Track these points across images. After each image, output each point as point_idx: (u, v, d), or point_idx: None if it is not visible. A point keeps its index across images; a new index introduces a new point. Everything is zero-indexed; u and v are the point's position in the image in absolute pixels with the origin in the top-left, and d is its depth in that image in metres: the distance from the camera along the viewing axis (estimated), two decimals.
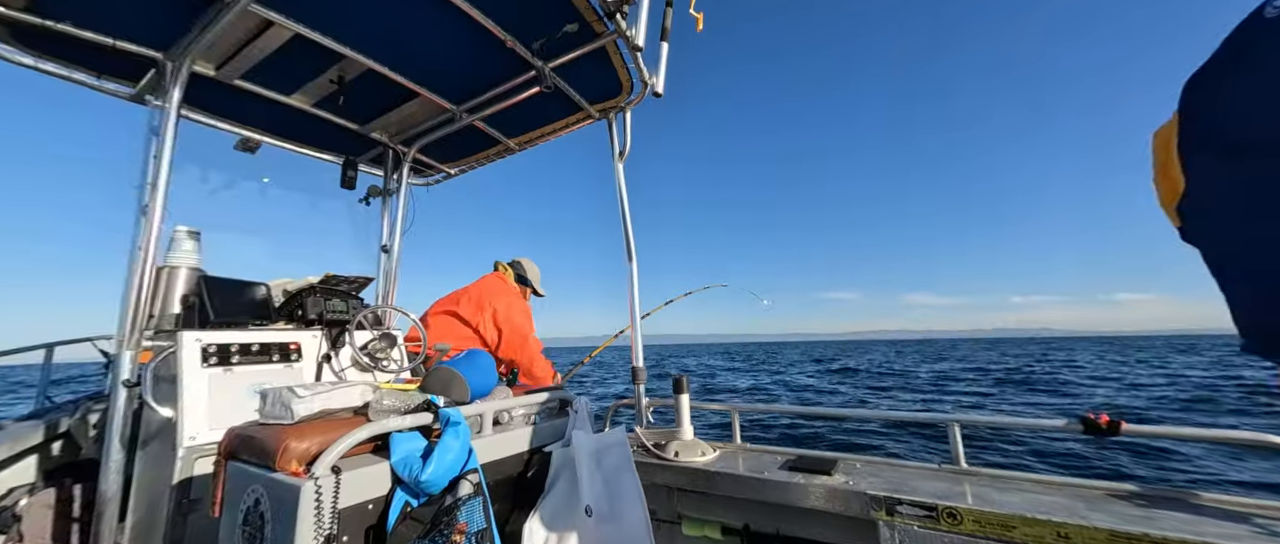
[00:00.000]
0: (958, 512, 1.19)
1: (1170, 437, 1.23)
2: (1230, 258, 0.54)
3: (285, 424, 1.05)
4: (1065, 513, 1.11)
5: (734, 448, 1.89)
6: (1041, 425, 1.40)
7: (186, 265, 1.87)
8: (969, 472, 1.44)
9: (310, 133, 2.57)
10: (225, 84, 2.07)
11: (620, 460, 1.44)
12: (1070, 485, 1.30)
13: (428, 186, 3.12)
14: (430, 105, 2.37)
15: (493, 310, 2.57)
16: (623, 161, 2.32)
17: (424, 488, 0.99)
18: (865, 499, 1.33)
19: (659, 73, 2.09)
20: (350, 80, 2.15)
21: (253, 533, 0.94)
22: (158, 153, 1.68)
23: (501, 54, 1.98)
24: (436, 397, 1.22)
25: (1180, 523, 1.05)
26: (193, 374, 1.51)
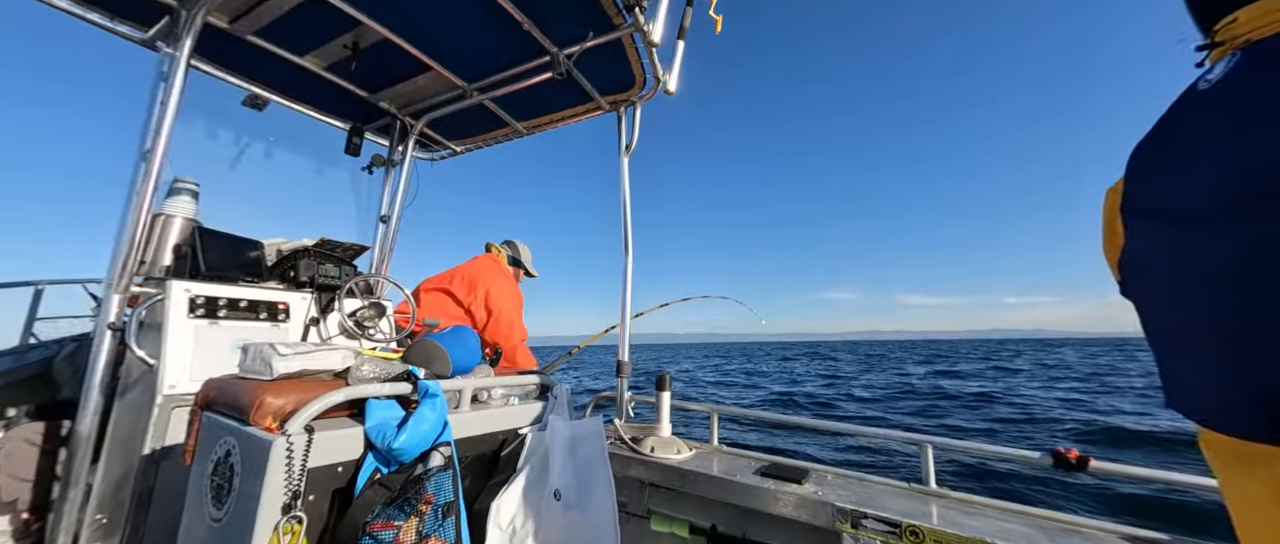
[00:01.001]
0: (920, 530, 1.20)
1: (1136, 478, 1.24)
2: (1151, 318, 0.56)
3: (263, 380, 1.06)
4: (1024, 542, 1.13)
5: (710, 449, 1.90)
6: (1013, 455, 1.42)
7: (183, 215, 1.87)
8: (936, 493, 1.45)
9: (319, 96, 2.56)
10: (238, 38, 2.07)
11: (594, 450, 1.45)
12: (1032, 515, 1.31)
13: (432, 161, 3.12)
14: (442, 80, 2.37)
15: (485, 291, 2.58)
16: (629, 156, 2.32)
17: (396, 455, 1.00)
18: (832, 510, 1.34)
19: (673, 71, 2.10)
20: (364, 48, 2.15)
21: (221, 483, 0.95)
22: (164, 99, 1.68)
23: (518, 37, 1.98)
24: (417, 368, 1.23)
25: None
26: (178, 324, 1.52)
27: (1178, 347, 0.54)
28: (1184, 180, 0.50)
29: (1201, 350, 0.50)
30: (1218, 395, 0.49)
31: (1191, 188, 0.49)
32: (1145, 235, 0.55)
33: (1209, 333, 0.48)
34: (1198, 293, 0.49)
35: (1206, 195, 0.47)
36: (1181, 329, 0.53)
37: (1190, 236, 0.49)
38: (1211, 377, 0.49)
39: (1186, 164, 0.50)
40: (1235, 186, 0.45)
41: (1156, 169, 0.53)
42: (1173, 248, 0.51)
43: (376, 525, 0.91)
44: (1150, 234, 0.54)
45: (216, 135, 2.58)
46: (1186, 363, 0.53)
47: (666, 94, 2.19)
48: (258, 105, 2.49)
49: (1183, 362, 0.54)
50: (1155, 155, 0.53)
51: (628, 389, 2.13)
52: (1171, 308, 0.53)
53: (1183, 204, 0.50)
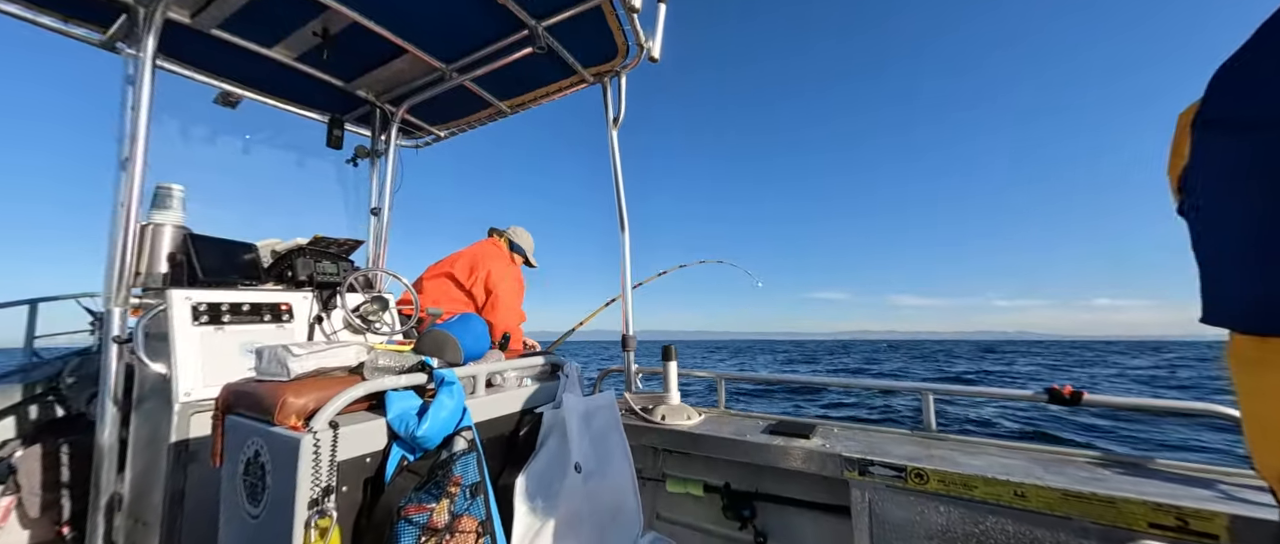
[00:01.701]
0: (924, 472, 1.27)
1: (1126, 406, 1.31)
2: (1204, 229, 0.58)
3: (282, 381, 1.07)
4: (1023, 474, 1.19)
5: (718, 413, 1.97)
6: (1010, 395, 1.48)
7: (171, 223, 1.84)
8: (939, 437, 1.52)
9: (294, 88, 2.48)
10: (202, 33, 1.98)
11: (609, 422, 1.49)
12: (1031, 450, 1.38)
13: (417, 148, 3.05)
14: (419, 63, 2.30)
15: (486, 272, 2.59)
16: (617, 128, 2.29)
17: (420, 443, 1.03)
18: (839, 460, 1.41)
19: (656, 36, 2.04)
20: (335, 33, 2.06)
21: (254, 482, 0.98)
22: (134, 104, 1.62)
23: (493, 11, 1.91)
24: (430, 358, 1.25)
25: (1128, 483, 1.13)
26: (184, 332, 1.52)
27: (1225, 251, 0.56)
28: (1271, 89, 0.50)
29: (1250, 248, 0.52)
30: (1258, 292, 0.51)
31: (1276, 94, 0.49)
32: (1217, 143, 0.56)
33: (1263, 227, 0.50)
34: (1261, 188, 0.50)
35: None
36: (1236, 229, 0.54)
37: (1265, 136, 0.50)
38: (1255, 274, 0.51)
39: (1275, 75, 0.50)
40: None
41: (1242, 79, 0.53)
42: (1246, 148, 0.52)
43: (410, 509, 0.95)
44: (1224, 140, 0.55)
45: (191, 136, 2.51)
46: (1230, 267, 0.55)
47: (651, 61, 2.13)
48: (230, 103, 2.41)
49: (1226, 267, 0.56)
50: (1243, 68, 0.53)
51: (634, 362, 2.17)
52: (1229, 211, 0.55)
53: (1267, 105, 0.50)
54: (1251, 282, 0.53)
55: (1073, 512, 1.09)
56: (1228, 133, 0.54)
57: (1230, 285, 0.56)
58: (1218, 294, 0.57)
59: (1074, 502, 1.09)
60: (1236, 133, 0.53)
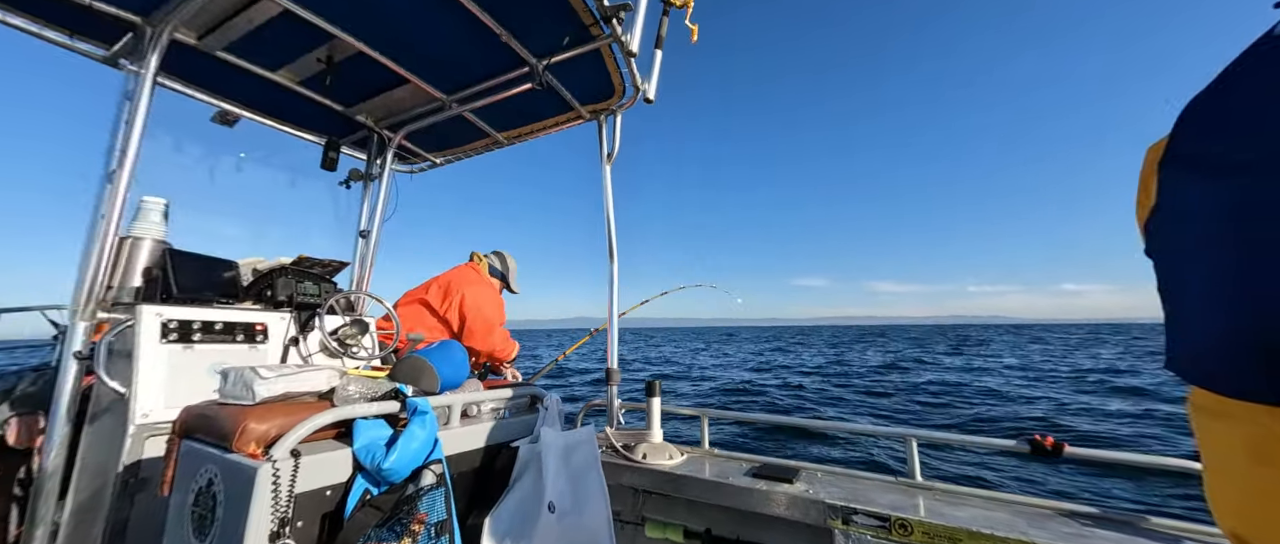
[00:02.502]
0: (909, 523, 1.24)
1: (1107, 461, 1.30)
2: (1169, 276, 0.58)
3: (245, 405, 1.03)
4: (1008, 529, 1.17)
5: (702, 453, 1.91)
6: (992, 445, 1.47)
7: (151, 237, 1.81)
8: (923, 486, 1.49)
9: (293, 111, 2.51)
10: (206, 54, 2.02)
11: (587, 459, 1.44)
12: (1017, 503, 1.36)
13: (412, 174, 3.08)
14: (420, 93, 2.35)
15: (460, 297, 2.56)
16: (610, 163, 2.34)
17: (385, 476, 0.98)
18: (823, 508, 1.37)
19: (651, 79, 2.13)
20: (339, 61, 2.12)
21: (203, 514, 0.92)
22: (129, 118, 1.63)
23: (496, 48, 1.98)
24: (405, 386, 1.21)
25: (1111, 542, 1.11)
26: (150, 349, 1.46)
27: (1190, 305, 0.55)
28: (1240, 129, 0.49)
29: (1213, 307, 0.51)
30: (1221, 352, 0.50)
31: (1249, 134, 0.49)
32: (1183, 187, 0.54)
33: (1224, 288, 0.49)
34: (1227, 240, 0.49)
35: (1261, 142, 0.47)
36: (1198, 285, 0.53)
37: (1231, 183, 0.49)
38: (1217, 334, 0.50)
39: (1248, 111, 0.49)
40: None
41: (1210, 119, 0.52)
42: (1210, 195, 0.51)
43: None
44: (1189, 185, 0.54)
45: (185, 151, 2.51)
46: (1195, 321, 0.54)
47: (646, 102, 2.21)
48: (228, 122, 2.43)
49: (1192, 321, 0.55)
50: (1213, 106, 0.52)
51: (618, 397, 2.13)
52: (1195, 260, 0.54)
53: (1232, 152, 0.49)
54: (1213, 338, 0.52)
55: None
56: (1194, 178, 0.54)
57: (1193, 338, 0.55)
58: (1181, 344, 0.56)
59: None
60: (1203, 179, 0.53)
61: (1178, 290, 0.57)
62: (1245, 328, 0.48)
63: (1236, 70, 0.52)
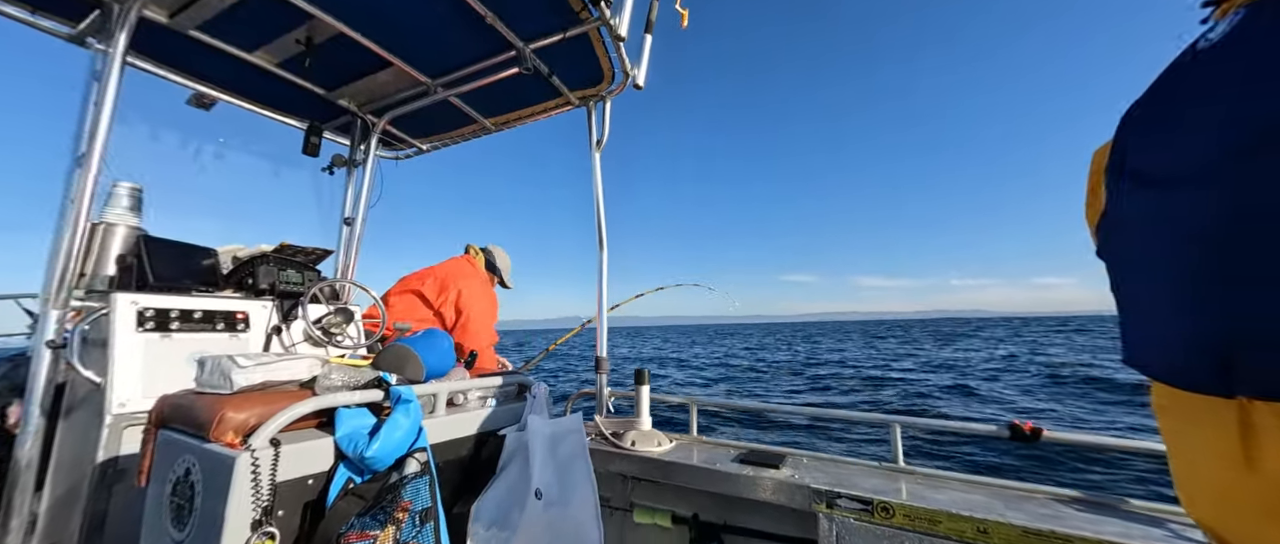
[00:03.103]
0: (891, 506, 1.26)
1: (1084, 445, 1.33)
2: (1122, 278, 0.59)
3: (223, 394, 1.01)
4: (985, 510, 1.19)
5: (690, 440, 1.93)
6: (973, 430, 1.49)
7: (125, 224, 1.76)
8: (906, 470, 1.52)
9: (272, 94, 2.44)
10: (179, 33, 1.95)
11: (575, 447, 1.45)
12: (995, 486, 1.39)
13: (397, 160, 3.02)
14: (403, 77, 2.29)
15: (457, 292, 2.53)
16: (600, 151, 2.31)
17: (368, 465, 0.97)
18: (808, 492, 1.39)
19: (641, 65, 2.09)
20: (319, 43, 2.05)
21: (181, 504, 0.91)
22: (98, 99, 1.57)
23: (481, 30, 1.93)
24: (388, 374, 1.20)
25: (1086, 522, 1.14)
26: (126, 338, 1.43)
27: (1143, 305, 0.56)
28: (1174, 140, 0.51)
29: (1164, 306, 0.52)
30: (1176, 350, 0.51)
31: (1181, 147, 0.50)
32: (1129, 196, 0.56)
33: (1174, 289, 0.50)
34: (1172, 251, 0.50)
35: (1195, 154, 0.48)
36: (1146, 288, 0.55)
37: (1174, 195, 0.50)
38: (1170, 331, 0.52)
39: (1178, 124, 0.50)
40: (1224, 145, 0.45)
41: (1147, 130, 0.54)
42: (1156, 207, 0.52)
43: (351, 537, 0.89)
44: (1135, 194, 0.55)
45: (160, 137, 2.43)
46: (1146, 321, 0.56)
47: (636, 88, 2.18)
48: (204, 105, 2.35)
49: (1143, 320, 0.56)
50: (1147, 116, 0.54)
51: (607, 385, 2.13)
52: (1144, 267, 0.55)
53: (1170, 164, 0.51)
54: (1165, 335, 0.54)
55: None
56: (1137, 183, 0.55)
57: (1147, 335, 0.57)
58: (1135, 341, 0.58)
59: (1033, 539, 1.09)
60: (1146, 185, 0.54)
61: (1130, 291, 0.59)
62: (1193, 329, 0.49)
63: (1165, 82, 0.53)
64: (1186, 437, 0.52)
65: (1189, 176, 0.49)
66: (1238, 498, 0.46)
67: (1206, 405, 0.47)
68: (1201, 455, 0.50)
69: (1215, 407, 0.46)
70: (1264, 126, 0.42)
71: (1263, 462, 0.42)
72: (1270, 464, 0.42)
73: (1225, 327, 0.45)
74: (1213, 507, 0.50)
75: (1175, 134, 0.51)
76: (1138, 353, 0.57)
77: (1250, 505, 0.45)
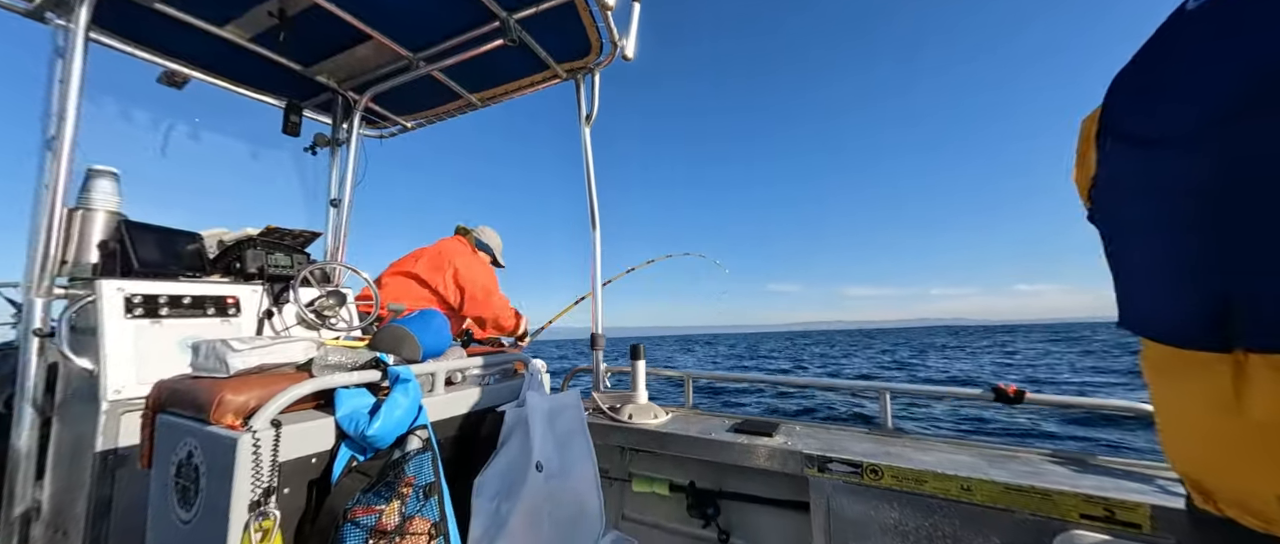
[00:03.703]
0: (879, 468, 1.31)
1: (1063, 404, 1.39)
2: (1114, 240, 0.60)
3: (220, 377, 1.01)
4: (969, 470, 1.25)
5: (685, 412, 1.98)
6: (958, 393, 1.55)
7: (105, 208, 1.71)
8: (894, 434, 1.57)
9: (247, 71, 2.35)
10: (143, 5, 1.85)
11: (573, 421, 1.48)
12: (978, 446, 1.45)
13: (381, 139, 2.95)
14: (384, 50, 2.22)
15: (453, 269, 2.52)
16: (589, 125, 2.27)
17: (371, 443, 0.99)
18: (800, 458, 1.44)
19: (629, 35, 2.04)
20: (292, 15, 1.97)
21: (186, 486, 0.92)
22: (64, 78, 1.50)
23: (463, 1, 1.87)
24: (386, 355, 1.20)
25: (1064, 478, 1.20)
26: (115, 325, 1.41)
27: (1137, 267, 0.57)
28: (1164, 99, 0.51)
29: (1159, 267, 0.53)
30: (1172, 309, 0.53)
31: (1171, 106, 0.50)
32: (1121, 158, 0.56)
33: (1170, 249, 0.51)
34: (1164, 211, 0.51)
35: (1186, 113, 0.48)
36: (1141, 248, 0.56)
37: (1166, 155, 0.50)
38: (1165, 291, 0.53)
39: (1168, 84, 0.50)
40: (1211, 106, 0.46)
41: (1136, 93, 0.54)
42: (1148, 167, 0.53)
43: (358, 511, 0.91)
44: (1127, 156, 0.55)
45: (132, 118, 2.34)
46: (1141, 282, 0.57)
47: (625, 60, 2.13)
48: (176, 83, 2.26)
49: (1138, 281, 0.58)
50: (1135, 80, 0.54)
51: (603, 361, 2.16)
52: (1136, 229, 0.56)
53: (1162, 123, 0.51)
54: (1161, 295, 0.55)
55: (1013, 504, 1.15)
56: (1130, 146, 0.55)
57: (1142, 296, 0.58)
58: (1130, 303, 0.59)
59: (1014, 495, 1.15)
60: (1138, 147, 0.54)
61: (1125, 254, 0.59)
62: (1190, 288, 0.50)
63: (1154, 44, 0.52)
64: (1177, 392, 0.53)
65: (1180, 135, 0.49)
66: (1223, 445, 0.48)
67: (1200, 361, 0.48)
68: (1191, 408, 0.51)
69: (1208, 362, 0.48)
70: (1252, 82, 0.42)
71: (1251, 409, 0.44)
72: (1258, 411, 0.43)
73: (1221, 282, 0.46)
74: (1199, 454, 0.52)
75: (1165, 94, 0.51)
76: (1133, 314, 0.58)
77: (1234, 451, 0.47)
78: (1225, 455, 0.48)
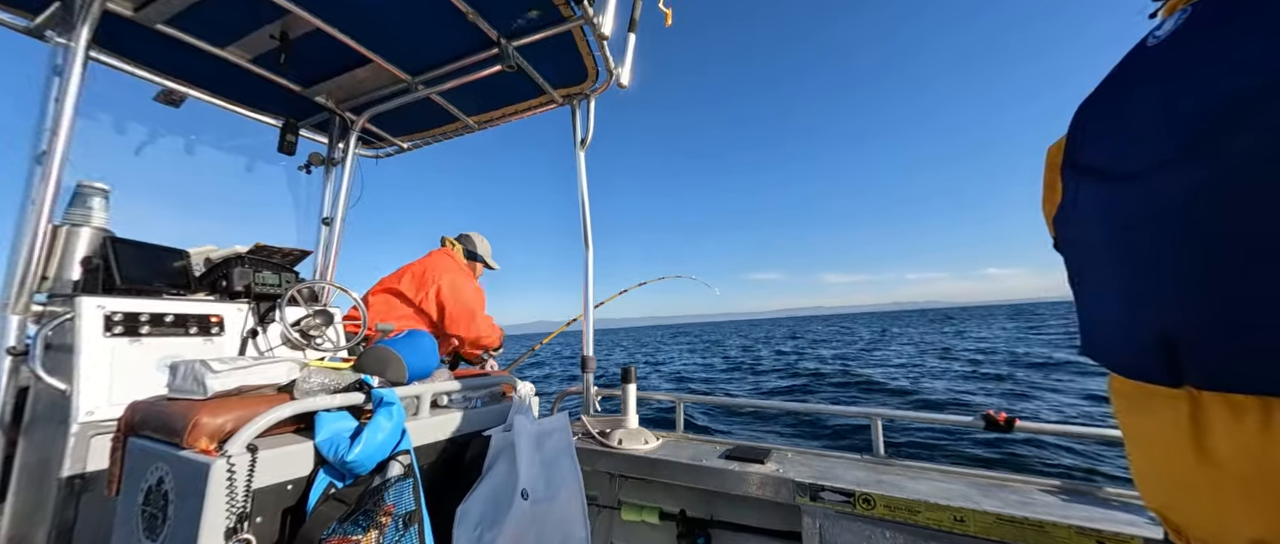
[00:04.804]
0: (872, 497, 1.29)
1: (1054, 432, 1.39)
2: (1075, 271, 0.61)
3: (197, 399, 0.99)
4: (962, 499, 1.23)
5: (676, 437, 1.94)
6: (950, 421, 1.54)
7: (91, 224, 1.69)
8: (886, 462, 1.55)
9: (245, 90, 2.37)
10: (145, 26, 1.88)
11: (561, 445, 1.45)
12: (970, 475, 1.43)
13: (377, 159, 2.97)
14: (383, 73, 2.25)
15: (436, 287, 2.50)
16: (584, 150, 2.30)
17: (350, 468, 0.96)
18: (792, 486, 1.41)
19: (625, 63, 2.09)
20: (294, 38, 2.00)
21: (154, 513, 0.88)
22: (60, 96, 1.50)
23: (462, 26, 1.91)
24: (370, 376, 1.18)
25: (1056, 508, 1.19)
26: (93, 343, 1.38)
27: (1095, 298, 0.58)
28: (1124, 133, 0.51)
29: (1114, 298, 0.54)
30: (1126, 341, 0.53)
31: (1130, 140, 0.51)
32: (1083, 188, 0.57)
33: (1122, 282, 0.52)
34: (1116, 244, 0.52)
35: (1142, 147, 0.49)
36: (1099, 280, 0.56)
37: (1122, 187, 0.51)
38: (1120, 323, 0.53)
39: (1127, 117, 0.51)
40: (1169, 137, 0.46)
41: (1099, 124, 0.55)
42: (1107, 199, 0.53)
43: (333, 542, 0.87)
44: (1088, 187, 0.56)
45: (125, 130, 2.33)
46: (1101, 313, 0.57)
47: (620, 87, 2.18)
48: (173, 102, 2.28)
49: (1098, 312, 0.58)
50: (1098, 111, 0.55)
51: (593, 384, 2.14)
52: (1094, 261, 0.56)
53: (1120, 156, 0.52)
54: (1116, 327, 0.55)
55: (1006, 535, 1.13)
56: (1088, 178, 0.56)
57: (1101, 327, 0.58)
58: (1092, 334, 0.59)
59: (1007, 525, 1.13)
60: (1096, 180, 0.55)
61: (1085, 283, 0.60)
62: (1139, 320, 0.50)
63: (1116, 77, 0.54)
64: (1141, 427, 0.53)
65: (1131, 171, 0.50)
66: (1191, 487, 0.46)
67: (1158, 395, 0.48)
68: (1155, 445, 0.51)
69: (1167, 396, 0.47)
70: (1208, 118, 0.43)
71: (1214, 451, 0.43)
72: (1221, 453, 0.42)
73: (1169, 318, 0.46)
74: (1167, 496, 0.51)
75: (1125, 127, 0.52)
76: (1093, 343, 0.58)
77: (1203, 495, 0.45)
78: (1192, 495, 0.47)
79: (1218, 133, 0.42)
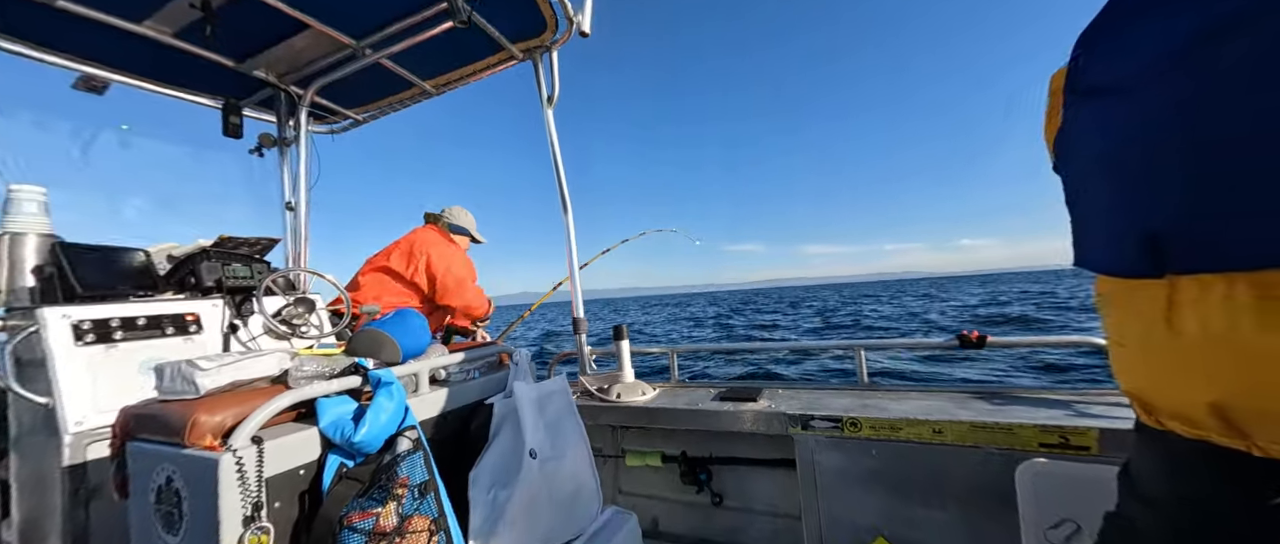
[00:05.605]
0: (858, 421, 1.38)
1: (1021, 344, 1.49)
2: (1072, 186, 0.66)
3: (190, 398, 0.97)
4: (939, 413, 1.33)
5: (672, 386, 2.02)
6: (926, 344, 1.63)
7: (34, 231, 1.58)
8: (871, 388, 1.66)
9: (174, 70, 2.17)
10: (45, 6, 1.68)
11: (563, 406, 1.49)
12: (947, 392, 1.54)
13: (333, 135, 2.80)
14: (325, 40, 2.08)
15: (425, 257, 2.47)
16: (552, 107, 2.21)
17: (359, 449, 0.98)
18: (784, 418, 1.50)
19: (585, 10, 1.98)
20: (217, 7, 1.82)
21: (170, 511, 0.89)
22: None
23: None
24: (364, 359, 1.18)
25: (1023, 412, 1.30)
26: (65, 355, 1.33)
27: (1090, 208, 0.63)
28: (1120, 50, 0.55)
29: (1105, 206, 0.59)
30: (1116, 243, 0.58)
31: (1118, 60, 0.55)
32: (1082, 108, 0.61)
33: (1113, 189, 0.57)
34: (1108, 154, 0.56)
35: (1129, 64, 0.53)
36: (1095, 189, 0.61)
37: (1118, 101, 0.55)
38: (1110, 228, 0.59)
39: (1124, 34, 0.55)
40: (1163, 59, 0.50)
41: (1097, 43, 0.59)
42: (1103, 114, 0.58)
43: (353, 517, 0.91)
44: (1086, 106, 0.60)
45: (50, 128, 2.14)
46: (1092, 222, 0.63)
47: (582, 36, 2.07)
48: (95, 88, 2.08)
49: (1089, 222, 0.64)
50: (1097, 31, 0.59)
51: (587, 344, 2.18)
52: (1088, 173, 0.61)
53: (1110, 75, 0.56)
54: (1106, 232, 0.61)
55: (980, 441, 1.24)
56: (1086, 97, 0.60)
57: (1092, 236, 0.64)
58: (1083, 243, 0.65)
59: (980, 432, 1.24)
60: (1092, 97, 0.59)
61: (1079, 199, 0.65)
62: (1129, 221, 0.55)
63: (1114, 6, 0.57)
64: (1122, 318, 0.59)
65: (1124, 84, 0.54)
66: (1162, 365, 0.53)
67: (1142, 288, 0.54)
68: (1133, 331, 0.57)
69: (1147, 287, 0.53)
70: (1197, 31, 0.46)
71: (1182, 326, 0.49)
72: (1188, 328, 0.49)
73: (1156, 215, 0.52)
74: (1143, 379, 0.58)
75: (1121, 44, 0.55)
76: (1085, 253, 0.64)
77: (1172, 370, 0.52)
78: (1163, 372, 0.54)
79: (1209, 44, 0.45)
